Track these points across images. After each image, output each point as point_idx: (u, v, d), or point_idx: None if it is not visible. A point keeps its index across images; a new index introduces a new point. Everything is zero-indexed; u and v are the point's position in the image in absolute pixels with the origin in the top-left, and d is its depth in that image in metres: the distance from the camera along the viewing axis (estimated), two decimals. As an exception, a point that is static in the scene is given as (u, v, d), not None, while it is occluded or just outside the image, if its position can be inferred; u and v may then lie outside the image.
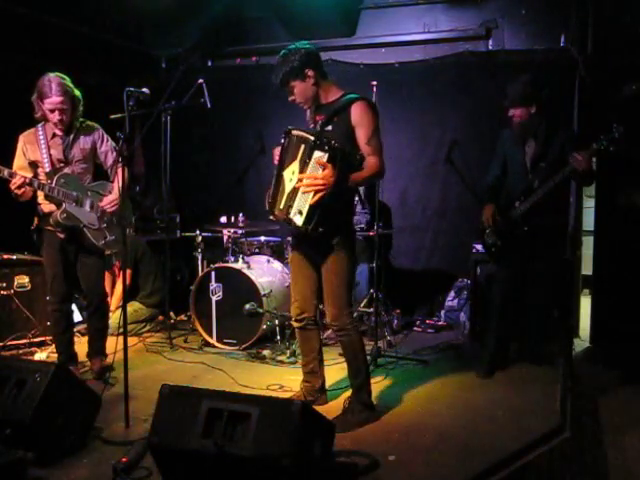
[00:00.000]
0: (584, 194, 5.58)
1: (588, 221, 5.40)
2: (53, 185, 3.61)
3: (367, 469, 2.75)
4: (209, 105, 4.63)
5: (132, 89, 3.21)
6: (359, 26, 5.73)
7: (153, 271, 5.40)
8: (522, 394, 3.74)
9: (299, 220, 2.98)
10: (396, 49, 5.60)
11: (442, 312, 5.34)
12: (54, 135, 3.70)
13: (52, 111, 3.58)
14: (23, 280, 4.65)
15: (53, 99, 3.54)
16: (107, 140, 3.87)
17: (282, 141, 3.12)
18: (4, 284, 4.58)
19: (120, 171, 3.39)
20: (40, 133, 3.67)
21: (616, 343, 4.80)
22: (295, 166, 3.04)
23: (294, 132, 3.08)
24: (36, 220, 3.81)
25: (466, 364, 4.31)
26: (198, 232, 5.25)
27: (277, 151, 3.18)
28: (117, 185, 3.83)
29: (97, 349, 4.01)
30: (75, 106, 3.67)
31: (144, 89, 3.27)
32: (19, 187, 3.47)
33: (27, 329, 4.60)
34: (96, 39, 5.38)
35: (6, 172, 3.45)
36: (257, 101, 5.78)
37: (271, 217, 3.20)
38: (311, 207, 2.94)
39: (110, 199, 3.82)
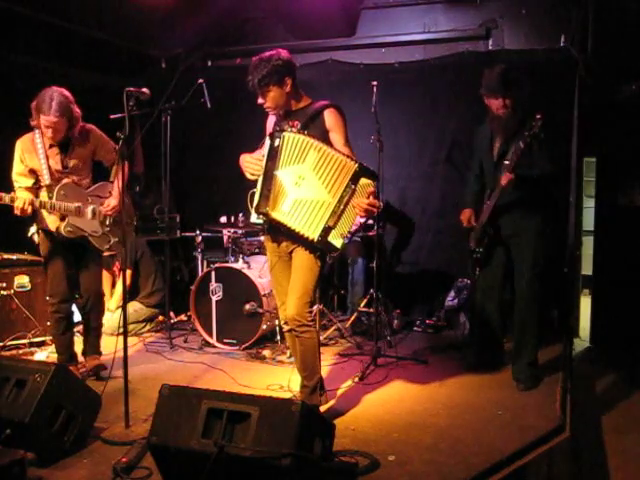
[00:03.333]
0: (584, 194, 5.59)
1: (588, 221, 5.40)
2: (54, 201, 3.62)
3: (367, 469, 2.75)
4: (209, 105, 4.63)
5: (132, 89, 3.21)
6: (359, 26, 5.73)
7: (153, 271, 5.40)
8: (522, 394, 3.74)
9: (338, 243, 3.08)
10: (396, 49, 5.60)
11: (442, 312, 5.34)
12: (52, 145, 3.69)
13: (46, 127, 3.57)
14: (23, 280, 4.65)
15: (50, 118, 3.52)
16: (105, 141, 3.86)
17: (270, 142, 3.11)
18: (4, 284, 4.58)
19: (120, 173, 3.39)
20: (38, 141, 3.65)
21: (616, 343, 4.80)
22: (305, 172, 3.04)
23: (289, 135, 3.06)
24: (39, 220, 3.79)
25: (466, 364, 4.30)
26: (198, 232, 5.25)
27: (248, 157, 3.20)
28: (117, 187, 3.82)
29: (93, 348, 4.03)
30: (72, 125, 3.65)
31: (144, 89, 3.27)
32: (22, 210, 3.49)
33: (27, 329, 4.60)
34: (96, 39, 5.38)
35: (7, 199, 3.47)
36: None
37: (260, 217, 3.17)
38: (353, 231, 3.10)
39: (112, 205, 3.81)
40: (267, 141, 3.14)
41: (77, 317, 5.05)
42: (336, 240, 3.06)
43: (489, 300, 4.09)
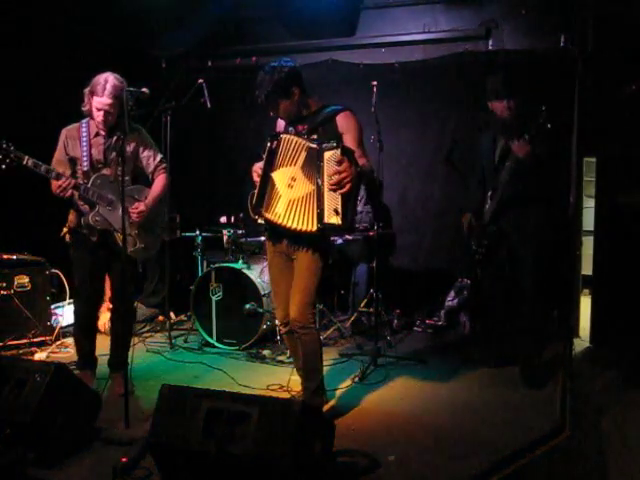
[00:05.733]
0: (584, 194, 5.58)
1: (588, 221, 5.39)
2: (89, 186, 3.52)
3: (367, 469, 2.75)
4: (209, 105, 4.63)
5: (132, 89, 3.21)
6: (359, 26, 5.72)
7: (157, 272, 5.41)
8: (522, 394, 3.74)
9: (337, 220, 2.98)
10: (396, 49, 5.59)
11: (442, 312, 5.34)
12: (97, 134, 3.59)
13: (98, 110, 3.48)
14: (23, 280, 4.65)
15: (103, 100, 3.45)
16: (148, 144, 3.77)
17: (268, 144, 3.13)
18: (4, 284, 4.57)
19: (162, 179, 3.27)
20: (84, 130, 3.58)
21: (616, 343, 4.80)
22: (296, 172, 3.07)
23: (286, 136, 3.11)
24: (70, 219, 3.68)
25: (466, 364, 4.31)
26: (198, 232, 5.25)
27: (258, 170, 3.20)
28: (152, 193, 3.74)
29: (117, 360, 3.76)
30: (123, 111, 3.52)
31: (144, 89, 3.27)
32: (64, 190, 3.40)
33: (27, 329, 4.59)
34: (96, 39, 5.38)
35: (54, 174, 3.40)
36: (257, 101, 5.80)
37: (259, 220, 3.21)
38: (344, 202, 2.96)
39: (140, 209, 3.66)
40: (267, 144, 3.16)
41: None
42: (333, 218, 2.98)
43: (495, 299, 4.11)
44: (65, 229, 3.73)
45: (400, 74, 5.52)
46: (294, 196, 3.08)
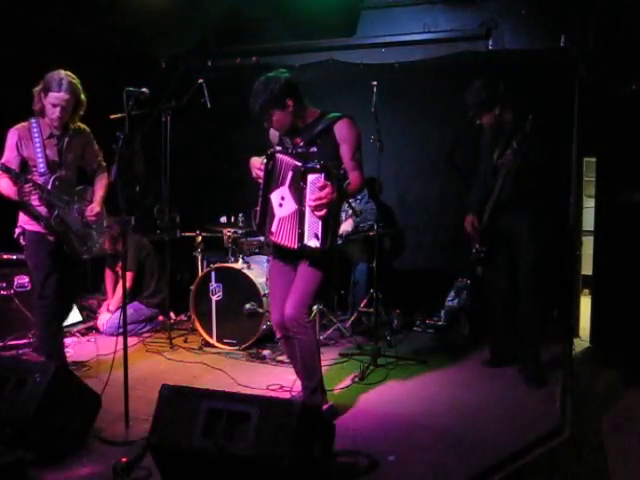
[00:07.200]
0: (584, 194, 5.59)
1: (588, 221, 5.40)
2: (50, 188, 3.53)
3: (367, 469, 2.75)
4: (209, 105, 4.63)
5: (132, 89, 3.21)
6: (359, 26, 5.72)
7: (157, 271, 5.40)
8: (522, 394, 3.74)
9: (316, 243, 3.04)
10: (396, 49, 5.60)
11: (442, 312, 5.34)
12: (51, 135, 3.60)
13: (54, 105, 3.48)
14: (23, 280, 4.65)
15: (60, 94, 3.45)
16: (94, 144, 3.83)
17: (265, 161, 3.16)
18: (4, 284, 4.58)
19: (106, 178, 3.39)
20: (35, 129, 3.55)
21: (616, 343, 4.80)
22: (284, 192, 3.12)
23: (279, 156, 3.15)
24: (24, 221, 3.67)
25: (466, 364, 4.31)
26: (198, 232, 5.25)
27: (257, 164, 3.22)
28: (99, 193, 3.81)
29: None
30: (77, 109, 3.60)
31: (143, 89, 3.27)
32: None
33: (27, 329, 4.58)
34: (96, 39, 5.38)
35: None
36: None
37: (262, 238, 3.29)
38: (324, 227, 3.02)
39: (95, 211, 3.74)
40: (264, 161, 3.19)
41: (77, 317, 5.09)
42: (312, 241, 3.05)
43: (495, 298, 4.11)
44: (18, 231, 3.70)
45: (400, 74, 5.52)
46: (282, 214, 3.15)
